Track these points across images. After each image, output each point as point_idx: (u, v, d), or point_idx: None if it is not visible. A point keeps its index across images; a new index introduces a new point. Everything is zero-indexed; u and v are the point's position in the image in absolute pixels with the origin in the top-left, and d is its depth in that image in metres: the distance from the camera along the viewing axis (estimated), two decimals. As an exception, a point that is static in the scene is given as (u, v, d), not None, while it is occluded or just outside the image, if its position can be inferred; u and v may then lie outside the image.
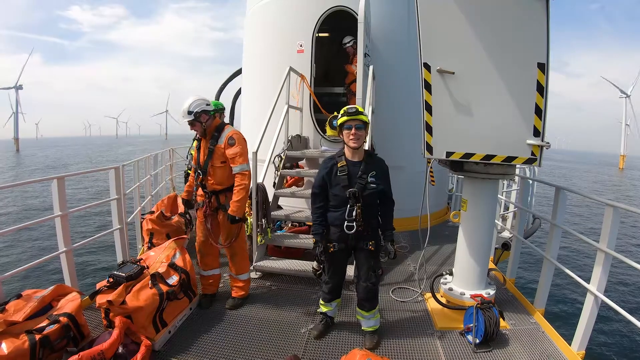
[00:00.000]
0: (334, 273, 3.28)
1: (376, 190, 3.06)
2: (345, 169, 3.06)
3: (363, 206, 3.02)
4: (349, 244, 3.14)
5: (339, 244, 3.15)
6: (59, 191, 3.57)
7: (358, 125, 3.00)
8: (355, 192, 3.00)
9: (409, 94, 6.09)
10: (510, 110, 3.06)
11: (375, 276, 3.19)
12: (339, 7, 6.22)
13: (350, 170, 3.06)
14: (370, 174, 3.05)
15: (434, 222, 6.82)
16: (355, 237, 3.09)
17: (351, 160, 3.11)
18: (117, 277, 3.13)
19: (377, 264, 3.20)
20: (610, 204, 3.05)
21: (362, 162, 3.09)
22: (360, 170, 3.05)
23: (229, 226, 3.69)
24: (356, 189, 3.01)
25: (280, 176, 5.45)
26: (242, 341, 3.23)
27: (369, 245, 3.11)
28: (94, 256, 11.46)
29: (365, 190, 3.03)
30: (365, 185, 3.03)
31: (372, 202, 3.09)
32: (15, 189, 22.03)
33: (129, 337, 2.88)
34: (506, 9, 2.96)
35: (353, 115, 3.00)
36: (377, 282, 3.23)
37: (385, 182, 3.14)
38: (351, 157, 3.11)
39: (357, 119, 3.00)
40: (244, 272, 3.91)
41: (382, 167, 3.16)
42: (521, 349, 3.19)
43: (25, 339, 2.52)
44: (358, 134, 3.00)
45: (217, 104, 4.99)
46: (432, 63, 3.15)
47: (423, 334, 3.41)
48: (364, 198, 3.02)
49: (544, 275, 3.84)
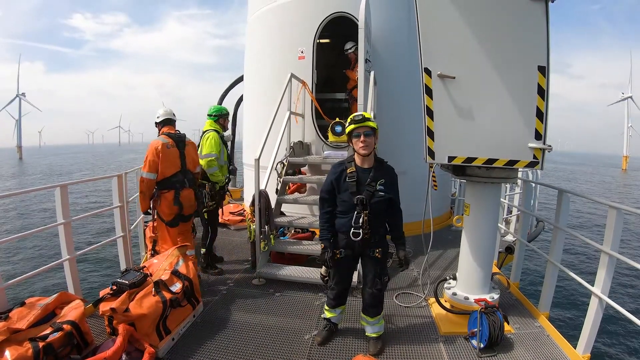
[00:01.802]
0: (339, 279, 3.26)
1: (384, 198, 3.04)
2: (355, 175, 3.05)
3: (370, 213, 3.00)
4: (355, 251, 3.13)
5: (345, 251, 3.14)
6: (62, 199, 3.60)
7: (367, 132, 3.00)
8: (363, 199, 2.98)
9: (410, 99, 6.10)
10: (511, 114, 3.05)
11: (381, 283, 3.17)
12: (340, 13, 6.25)
13: (360, 177, 3.05)
14: (379, 182, 3.04)
15: (437, 226, 6.81)
16: (362, 244, 3.07)
17: (361, 167, 3.10)
18: (121, 284, 3.14)
19: (384, 271, 3.18)
20: (614, 205, 3.04)
21: (371, 169, 3.08)
22: (369, 177, 3.04)
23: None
24: (364, 196, 2.99)
25: (282, 183, 5.46)
26: (245, 348, 3.22)
27: (375, 253, 3.10)
28: (97, 264, 11.46)
29: (373, 198, 3.01)
30: (374, 192, 3.02)
31: (379, 210, 3.07)
32: (18, 196, 22.10)
33: (132, 344, 2.88)
34: (506, 12, 2.96)
35: (360, 123, 2.99)
36: (382, 288, 3.21)
37: (394, 190, 3.12)
38: (361, 163, 3.11)
39: (365, 126, 3.00)
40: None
41: (392, 176, 3.14)
42: (526, 353, 3.17)
43: (28, 346, 2.51)
44: (367, 140, 3.00)
45: (219, 108, 5.01)
46: (433, 68, 3.16)
47: (427, 339, 3.40)
48: (371, 205, 3.01)
49: (548, 278, 3.82)
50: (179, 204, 4.16)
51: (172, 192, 4.14)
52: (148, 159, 4.05)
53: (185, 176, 4.24)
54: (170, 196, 4.13)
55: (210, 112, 4.99)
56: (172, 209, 4.15)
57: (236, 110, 10.94)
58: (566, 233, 3.72)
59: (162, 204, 4.16)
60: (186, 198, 4.22)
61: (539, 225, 7.56)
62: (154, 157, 4.04)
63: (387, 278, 3.24)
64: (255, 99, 7.62)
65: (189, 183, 4.27)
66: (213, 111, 4.97)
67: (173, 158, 4.15)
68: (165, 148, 4.10)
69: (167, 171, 4.11)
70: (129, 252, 4.58)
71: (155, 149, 4.06)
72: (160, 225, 4.29)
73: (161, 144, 4.10)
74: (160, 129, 4.36)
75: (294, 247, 4.87)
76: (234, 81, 10.45)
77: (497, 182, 3.50)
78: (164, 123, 4.37)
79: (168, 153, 4.11)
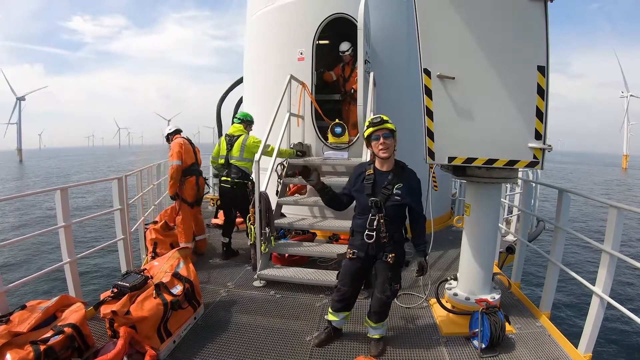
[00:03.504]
0: (347, 280, 3.20)
1: (400, 203, 3.01)
2: (372, 177, 3.05)
3: (385, 217, 2.98)
4: (369, 253, 3.10)
5: (358, 252, 3.12)
6: (62, 202, 3.59)
7: (386, 135, 2.98)
8: (377, 202, 2.97)
9: (409, 100, 6.10)
10: (511, 114, 3.05)
11: (391, 290, 3.12)
12: (339, 15, 6.25)
13: (377, 180, 3.05)
14: (396, 186, 3.01)
15: (437, 227, 6.83)
16: (376, 247, 3.06)
17: (379, 170, 3.09)
18: (121, 287, 3.14)
19: (395, 278, 3.13)
20: (614, 205, 3.05)
21: (390, 172, 3.07)
22: (386, 180, 3.03)
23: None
24: (378, 198, 2.98)
25: (283, 184, 5.46)
26: (246, 350, 3.21)
27: (388, 257, 3.05)
28: (98, 267, 11.47)
29: (388, 201, 2.99)
30: (389, 196, 3.00)
31: (395, 214, 3.04)
32: (19, 199, 22.10)
33: (133, 347, 2.88)
34: (505, 12, 2.96)
35: (379, 125, 2.98)
36: (392, 296, 3.16)
37: (414, 196, 3.07)
38: (380, 166, 3.10)
39: (383, 128, 2.98)
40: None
41: (412, 181, 3.09)
42: (527, 353, 3.17)
43: (30, 349, 2.52)
44: (387, 143, 2.97)
45: (245, 115, 5.60)
46: (432, 68, 3.15)
47: (429, 340, 3.40)
48: (386, 209, 2.99)
49: (549, 278, 3.82)
50: (198, 186, 5.34)
51: (194, 178, 5.30)
52: (175, 150, 5.15)
53: (198, 167, 5.45)
54: (193, 180, 5.29)
55: (244, 117, 5.54)
56: (194, 190, 5.31)
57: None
58: (567, 233, 3.72)
59: (187, 187, 5.25)
60: (201, 184, 5.44)
61: (539, 225, 7.56)
62: (180, 149, 5.18)
63: (398, 286, 3.18)
64: (255, 101, 7.61)
65: (200, 173, 5.47)
66: (245, 116, 5.56)
67: (190, 152, 5.34)
68: (186, 144, 5.31)
69: (189, 161, 5.27)
70: (129, 254, 4.58)
71: (180, 144, 5.24)
72: (183, 207, 5.28)
73: (183, 140, 5.34)
74: (173, 137, 5.50)
75: (295, 248, 4.86)
76: (234, 83, 10.45)
77: (498, 182, 3.50)
78: (175, 132, 5.59)
79: (188, 147, 5.31)
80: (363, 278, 3.29)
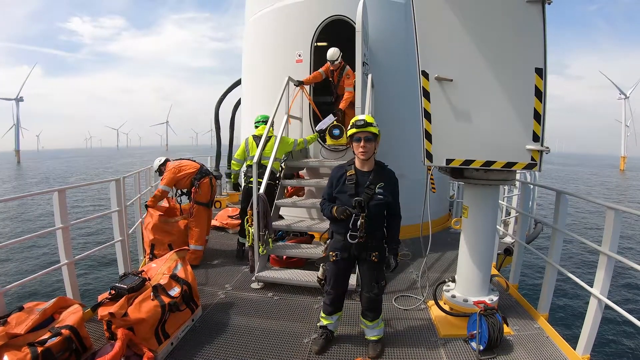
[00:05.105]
0: (335, 283, 3.23)
1: (383, 202, 3.04)
2: (354, 178, 3.06)
3: (368, 216, 2.99)
4: (351, 254, 3.12)
5: (341, 253, 3.13)
6: (60, 203, 3.58)
7: (367, 137, 2.99)
8: (361, 202, 2.98)
9: (407, 102, 6.11)
10: (509, 116, 3.06)
11: (378, 287, 3.15)
12: (337, 17, 6.27)
13: (359, 180, 3.06)
14: (378, 185, 3.03)
15: (435, 229, 6.82)
16: (359, 247, 3.07)
17: (360, 170, 3.11)
18: (119, 289, 3.13)
19: (380, 275, 3.17)
20: (612, 206, 3.05)
21: (371, 172, 3.09)
22: (368, 180, 3.04)
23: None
24: (362, 198, 2.99)
25: (280, 186, 5.46)
26: (244, 352, 3.21)
27: (372, 257, 3.08)
28: (95, 268, 11.43)
29: (372, 201, 3.01)
30: (372, 195, 3.01)
31: (377, 213, 3.06)
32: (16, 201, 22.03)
33: (131, 349, 2.87)
34: (502, 14, 2.97)
35: (362, 128, 2.99)
36: (379, 293, 3.19)
37: (393, 195, 3.11)
38: (361, 166, 3.11)
39: (366, 131, 3.00)
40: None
41: (391, 180, 3.13)
42: (525, 355, 3.17)
43: (27, 351, 2.51)
44: (367, 146, 2.99)
45: (264, 117, 5.63)
46: (430, 71, 3.16)
47: (427, 342, 3.40)
48: (369, 208, 3.00)
49: (547, 279, 3.82)
50: (212, 186, 5.49)
51: (208, 179, 5.43)
52: (167, 177, 5.28)
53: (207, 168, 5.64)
54: (207, 181, 5.42)
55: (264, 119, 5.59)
56: (209, 190, 5.44)
57: (234, 113, 10.96)
58: (565, 234, 3.72)
59: (203, 189, 5.37)
60: (214, 184, 5.60)
61: (537, 226, 7.57)
62: (172, 176, 5.31)
63: (384, 282, 3.23)
64: (253, 102, 7.62)
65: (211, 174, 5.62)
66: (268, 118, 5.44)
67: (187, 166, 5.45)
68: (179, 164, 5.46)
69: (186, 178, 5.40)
70: (127, 256, 4.56)
71: (171, 171, 5.33)
72: (199, 209, 5.36)
73: (176, 163, 5.51)
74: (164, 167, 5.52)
75: (293, 250, 4.86)
76: (232, 85, 10.46)
77: (495, 184, 3.51)
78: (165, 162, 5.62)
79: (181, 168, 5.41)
80: (348, 276, 3.32)
